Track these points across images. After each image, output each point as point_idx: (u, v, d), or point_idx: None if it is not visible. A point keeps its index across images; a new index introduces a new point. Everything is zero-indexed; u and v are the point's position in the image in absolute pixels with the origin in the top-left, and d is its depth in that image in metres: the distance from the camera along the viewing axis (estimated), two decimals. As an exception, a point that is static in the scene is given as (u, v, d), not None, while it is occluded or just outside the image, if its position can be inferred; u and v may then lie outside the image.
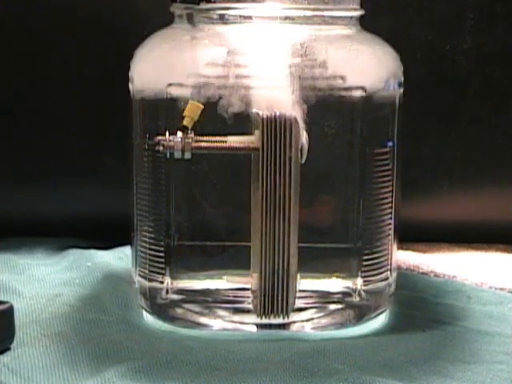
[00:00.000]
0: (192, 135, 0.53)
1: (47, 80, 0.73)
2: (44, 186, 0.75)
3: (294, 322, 0.56)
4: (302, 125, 0.53)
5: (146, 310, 0.58)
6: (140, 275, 0.58)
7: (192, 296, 0.57)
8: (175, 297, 0.57)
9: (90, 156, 0.74)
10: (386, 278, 0.58)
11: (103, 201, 0.74)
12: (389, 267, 0.58)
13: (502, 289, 0.65)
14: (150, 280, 0.57)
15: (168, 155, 0.54)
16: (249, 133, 0.54)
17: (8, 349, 0.53)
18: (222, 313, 0.57)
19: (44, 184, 0.75)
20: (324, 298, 0.57)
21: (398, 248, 0.60)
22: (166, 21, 0.57)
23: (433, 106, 0.74)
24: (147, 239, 0.57)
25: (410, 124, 0.59)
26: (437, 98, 0.74)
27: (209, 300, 0.57)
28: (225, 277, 0.56)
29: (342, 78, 0.54)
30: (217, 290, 0.57)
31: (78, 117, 0.74)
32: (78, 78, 0.73)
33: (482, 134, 0.74)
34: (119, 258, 0.70)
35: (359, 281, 0.57)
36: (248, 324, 0.56)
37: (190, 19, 0.56)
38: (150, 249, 0.57)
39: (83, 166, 0.74)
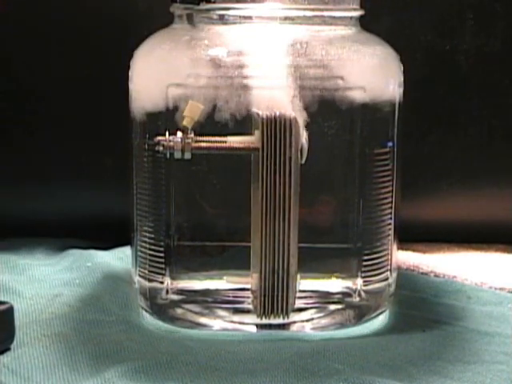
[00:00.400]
0: (192, 135, 0.53)
1: (47, 79, 0.73)
2: (44, 186, 0.75)
3: (294, 323, 0.56)
4: (301, 125, 0.53)
5: (146, 311, 0.58)
6: (140, 275, 0.58)
7: (192, 296, 0.57)
8: (175, 297, 0.57)
9: (90, 156, 0.74)
10: (386, 278, 0.58)
11: (103, 201, 0.74)
12: (389, 267, 0.58)
13: (501, 289, 0.65)
14: (150, 280, 0.57)
15: (168, 155, 0.54)
16: (249, 133, 0.54)
17: (8, 349, 0.53)
18: (221, 313, 0.57)
19: (44, 184, 0.75)
20: (324, 298, 0.57)
21: (398, 248, 0.60)
22: (166, 21, 0.57)
23: (433, 106, 0.74)
24: (147, 239, 0.57)
25: (409, 124, 0.59)
26: (437, 98, 0.74)
27: (209, 300, 0.57)
28: (225, 277, 0.56)
29: (342, 78, 0.54)
30: (217, 290, 0.57)
31: (77, 116, 0.74)
32: (77, 77, 0.73)
33: (482, 134, 0.74)
34: (119, 259, 0.70)
35: (359, 281, 0.57)
36: (248, 324, 0.56)
37: (190, 19, 0.56)
38: (150, 249, 0.57)
39: (83, 166, 0.74)
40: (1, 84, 0.73)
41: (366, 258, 0.57)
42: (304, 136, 0.53)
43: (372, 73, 0.55)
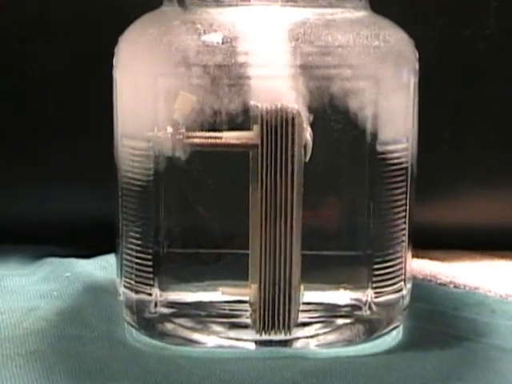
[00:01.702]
0: (183, 130, 0.53)
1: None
2: (18, 189, 0.75)
3: (297, 339, 0.56)
4: (305, 119, 0.53)
5: (133, 326, 0.58)
6: (126, 286, 0.58)
7: (183, 309, 0.57)
8: (165, 310, 0.57)
9: (68, 156, 0.74)
10: (400, 290, 0.58)
11: (84, 204, 0.74)
12: (403, 277, 0.58)
13: (529, 302, 0.65)
14: (137, 292, 0.57)
15: (157, 153, 0.54)
16: (247, 128, 0.54)
17: (-22, 369, 0.53)
18: (217, 328, 0.57)
19: (18, 187, 0.75)
20: (330, 311, 0.57)
21: (413, 256, 0.60)
22: (155, 3, 0.57)
23: (449, 98, 0.74)
24: (134, 246, 0.57)
25: (425, 119, 0.59)
26: (454, 89, 0.74)
27: (202, 314, 0.57)
28: (220, 288, 0.56)
29: (350, 66, 0.54)
30: (211, 302, 0.57)
31: (60, 114, 0.74)
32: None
33: (505, 131, 0.74)
34: (102, 268, 0.70)
35: (370, 292, 0.57)
36: (246, 341, 0.56)
37: (181, 1, 0.56)
38: (137, 257, 0.57)
39: (62, 167, 0.74)
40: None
41: (377, 266, 0.57)
42: (308, 131, 0.53)
43: (384, 60, 0.55)
